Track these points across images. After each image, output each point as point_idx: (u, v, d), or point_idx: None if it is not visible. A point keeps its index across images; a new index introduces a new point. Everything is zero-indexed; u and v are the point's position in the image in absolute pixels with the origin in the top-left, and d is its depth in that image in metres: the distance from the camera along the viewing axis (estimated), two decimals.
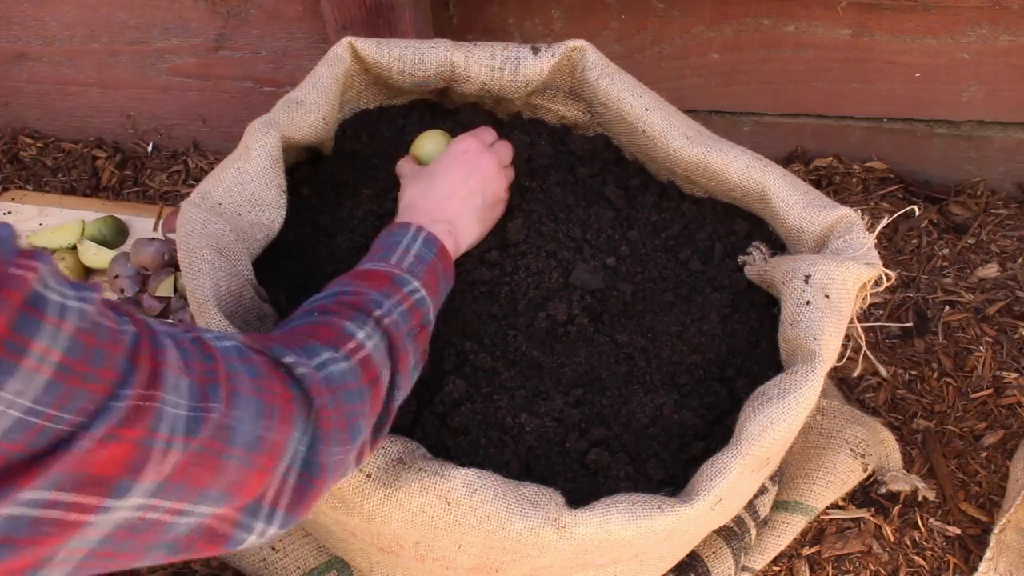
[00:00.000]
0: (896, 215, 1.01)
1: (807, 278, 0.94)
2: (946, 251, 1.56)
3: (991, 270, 1.53)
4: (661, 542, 0.89)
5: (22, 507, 0.52)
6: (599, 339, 1.09)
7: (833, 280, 0.93)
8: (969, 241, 1.57)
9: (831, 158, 1.69)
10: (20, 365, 0.51)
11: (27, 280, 0.52)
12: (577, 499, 0.88)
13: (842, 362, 1.01)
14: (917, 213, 1.19)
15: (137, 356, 0.58)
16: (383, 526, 0.88)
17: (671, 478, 0.95)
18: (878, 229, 0.97)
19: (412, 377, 0.88)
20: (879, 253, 0.98)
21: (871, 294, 0.97)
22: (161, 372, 0.59)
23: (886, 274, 0.96)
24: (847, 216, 1.00)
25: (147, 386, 0.58)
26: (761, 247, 1.08)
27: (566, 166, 1.25)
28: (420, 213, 1.00)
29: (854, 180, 1.66)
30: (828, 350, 0.91)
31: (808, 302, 0.93)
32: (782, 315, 0.97)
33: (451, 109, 1.29)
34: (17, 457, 0.52)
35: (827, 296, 0.93)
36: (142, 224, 1.55)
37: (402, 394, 0.85)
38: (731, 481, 0.87)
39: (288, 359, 0.73)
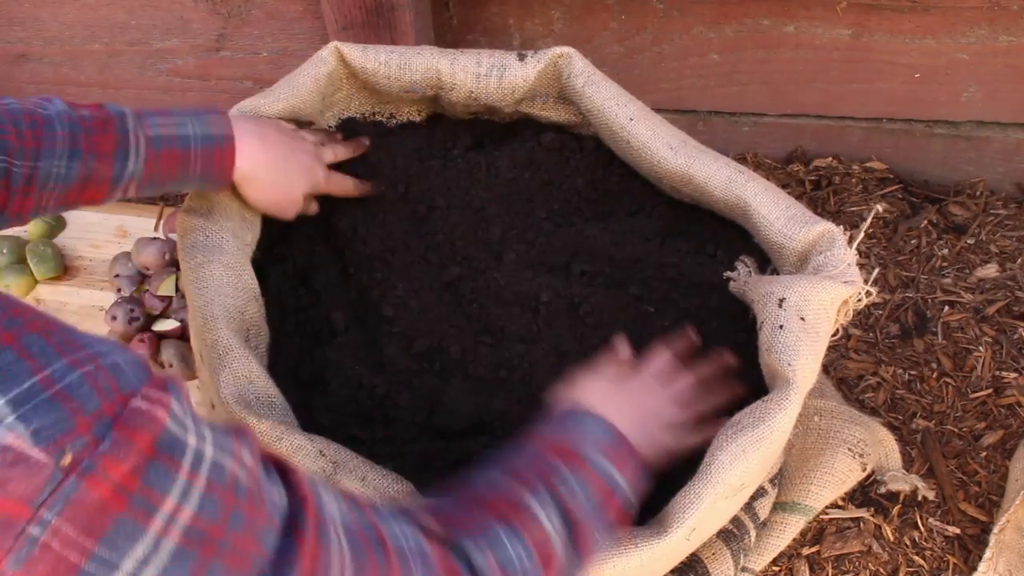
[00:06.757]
0: (870, 217, 0.99)
1: (781, 301, 0.92)
2: (945, 251, 1.56)
3: (990, 270, 1.53)
4: (637, 570, 0.89)
5: None
6: (589, 346, 1.08)
7: (809, 302, 0.92)
8: (968, 241, 1.57)
9: (831, 158, 1.69)
10: (147, 528, 0.42)
11: (159, 419, 0.43)
12: None
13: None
14: (880, 211, 1.18)
15: (299, 538, 0.50)
16: None
17: (650, 500, 0.93)
18: (859, 238, 0.95)
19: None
20: (878, 253, 0.97)
21: (854, 310, 0.95)
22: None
23: (866, 291, 0.95)
24: (829, 231, 0.98)
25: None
26: (747, 261, 1.07)
27: (563, 166, 1.25)
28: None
29: (854, 180, 1.66)
30: (803, 375, 0.90)
31: (782, 326, 0.91)
32: (760, 340, 0.95)
33: (465, 120, 1.27)
34: None
35: (802, 318, 0.91)
36: (142, 224, 1.55)
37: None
38: (704, 511, 0.86)
39: (469, 548, 0.66)
